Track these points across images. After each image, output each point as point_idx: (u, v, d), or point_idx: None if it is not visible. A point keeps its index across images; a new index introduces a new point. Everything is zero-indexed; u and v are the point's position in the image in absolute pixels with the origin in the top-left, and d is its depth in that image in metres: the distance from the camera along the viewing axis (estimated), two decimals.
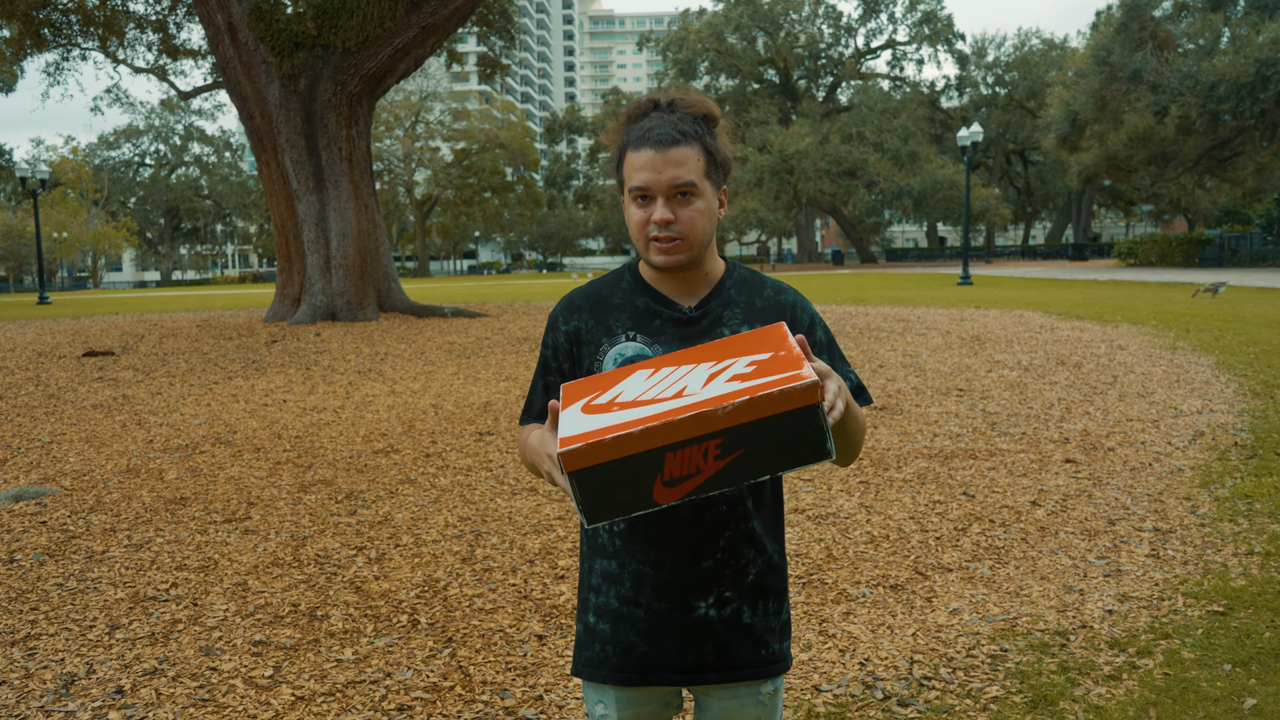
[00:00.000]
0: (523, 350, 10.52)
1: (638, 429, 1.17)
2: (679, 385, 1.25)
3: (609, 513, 1.22)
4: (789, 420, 1.16)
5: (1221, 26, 34.74)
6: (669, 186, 1.43)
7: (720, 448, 1.17)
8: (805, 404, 1.15)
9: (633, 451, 1.18)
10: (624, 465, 1.19)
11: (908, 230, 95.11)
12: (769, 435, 1.16)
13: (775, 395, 1.14)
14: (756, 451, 1.17)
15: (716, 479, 1.19)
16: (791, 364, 1.20)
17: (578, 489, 1.20)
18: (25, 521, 4.48)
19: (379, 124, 61.37)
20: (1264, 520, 4.16)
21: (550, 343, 1.59)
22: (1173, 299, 17.57)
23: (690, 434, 1.16)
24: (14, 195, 55.81)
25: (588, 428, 1.22)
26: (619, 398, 1.28)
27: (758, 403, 1.15)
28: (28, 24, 18.31)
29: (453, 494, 4.83)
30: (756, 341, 1.31)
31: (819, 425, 1.16)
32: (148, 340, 12.48)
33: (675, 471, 1.19)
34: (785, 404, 1.15)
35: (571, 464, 1.19)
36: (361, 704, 2.71)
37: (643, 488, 1.20)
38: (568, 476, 1.20)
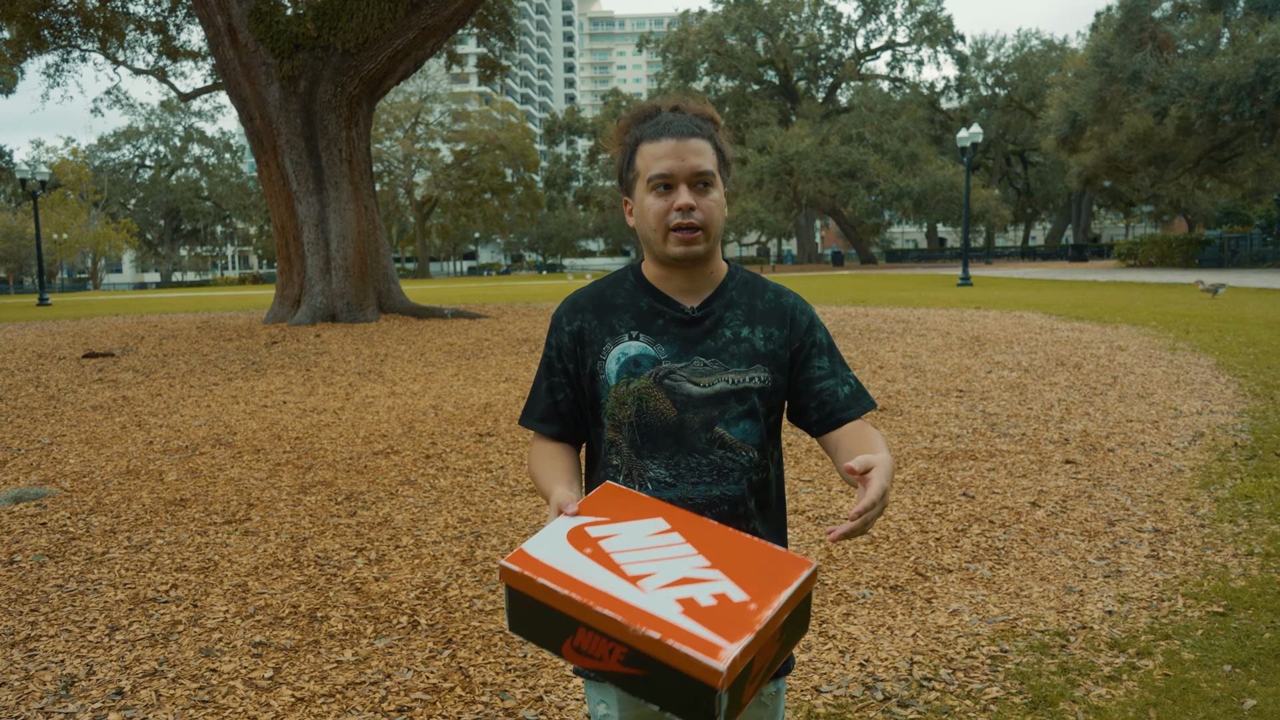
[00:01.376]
0: (523, 351, 10.52)
1: (563, 591, 1.20)
2: (653, 568, 1.23)
3: (526, 634, 1.28)
4: (685, 682, 1.13)
5: (1221, 27, 34.76)
6: (691, 174, 1.45)
7: (623, 657, 1.17)
8: (703, 679, 1.11)
9: (553, 605, 1.22)
10: (545, 610, 1.23)
11: (908, 231, 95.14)
12: (664, 678, 1.15)
13: (680, 654, 1.11)
14: (653, 680, 1.16)
15: (616, 678, 1.20)
16: (735, 630, 1.13)
17: (507, 600, 1.28)
18: (25, 523, 4.48)
19: (379, 125, 61.39)
20: (1264, 521, 4.16)
21: (554, 343, 1.59)
22: (1173, 300, 17.57)
23: (601, 628, 1.18)
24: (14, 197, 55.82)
25: (543, 556, 1.26)
26: (605, 540, 1.29)
27: (663, 647, 1.12)
28: (27, 25, 18.32)
29: (453, 495, 4.83)
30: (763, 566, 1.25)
31: (710, 708, 1.12)
32: (148, 342, 12.48)
33: (584, 646, 1.21)
34: (684, 666, 1.12)
35: (508, 579, 1.26)
36: (361, 705, 2.71)
37: (556, 638, 1.24)
38: (504, 586, 1.27)
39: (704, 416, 1.49)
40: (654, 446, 1.50)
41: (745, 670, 1.14)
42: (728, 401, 1.50)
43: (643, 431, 1.50)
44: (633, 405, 1.50)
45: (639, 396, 1.50)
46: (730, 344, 1.52)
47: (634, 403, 1.50)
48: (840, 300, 19.55)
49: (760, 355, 1.52)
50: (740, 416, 1.51)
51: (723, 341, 1.52)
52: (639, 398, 1.50)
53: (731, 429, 1.50)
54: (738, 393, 1.50)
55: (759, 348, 1.52)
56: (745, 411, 1.51)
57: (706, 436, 1.49)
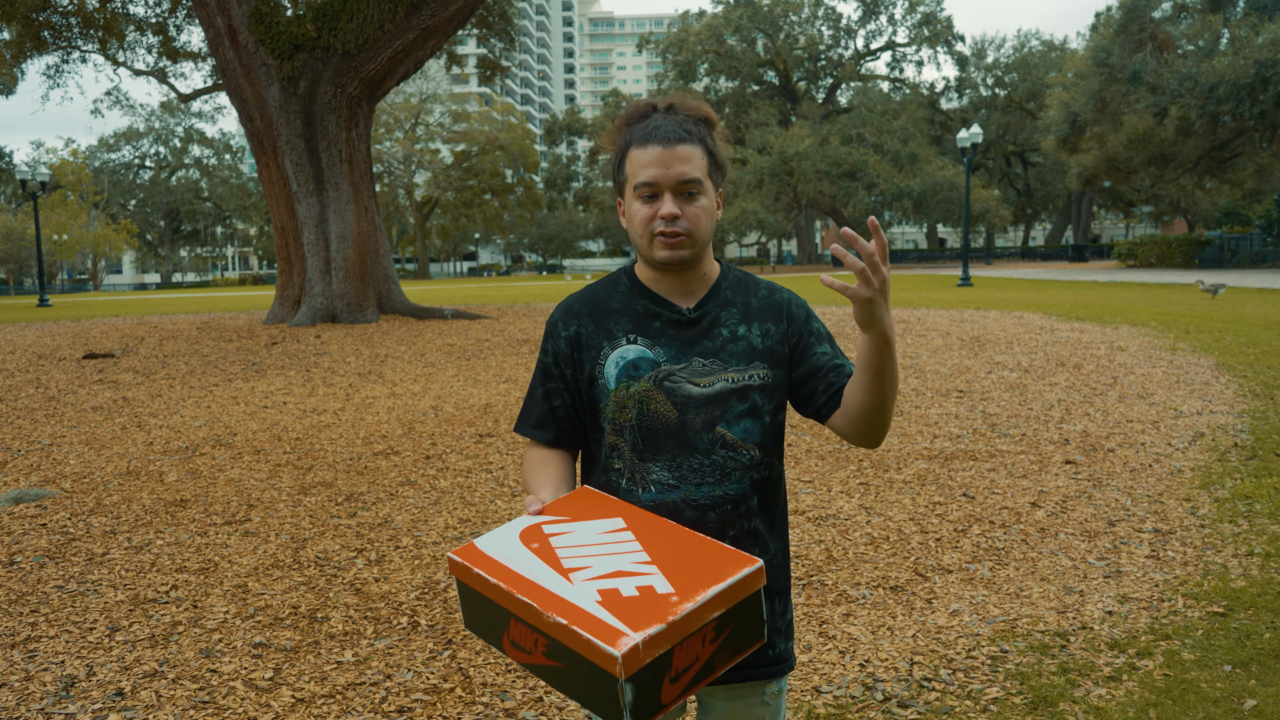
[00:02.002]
0: (523, 352, 10.52)
1: (494, 581, 1.23)
2: (590, 563, 1.24)
3: (476, 629, 1.31)
4: (592, 671, 1.13)
5: (1221, 28, 34.77)
6: (676, 182, 1.44)
7: (545, 648, 1.19)
8: (604, 668, 1.10)
9: (490, 597, 1.25)
10: (485, 602, 1.26)
11: (908, 232, 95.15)
12: (579, 670, 1.15)
13: (583, 639, 1.12)
14: (569, 675, 1.17)
15: (543, 671, 1.21)
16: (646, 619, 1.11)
17: (459, 594, 1.32)
18: (25, 524, 4.48)
19: (379, 126, 61.41)
20: (1264, 521, 4.16)
21: (550, 349, 1.58)
22: (1173, 300, 17.57)
23: (525, 618, 1.20)
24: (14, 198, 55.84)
25: (488, 549, 1.30)
26: (555, 538, 1.31)
27: (570, 633, 1.14)
28: (27, 26, 18.32)
29: (453, 496, 4.83)
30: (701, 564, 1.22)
31: (615, 699, 1.11)
32: (148, 342, 12.48)
33: (516, 638, 1.23)
34: (587, 653, 1.12)
35: (454, 569, 1.30)
36: (361, 706, 2.71)
37: (497, 632, 1.26)
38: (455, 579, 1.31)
39: (705, 417, 1.49)
40: (656, 449, 1.50)
41: (659, 664, 1.11)
42: (729, 400, 1.50)
43: (644, 434, 1.50)
44: (633, 409, 1.50)
45: (639, 400, 1.50)
46: (728, 343, 1.51)
47: (635, 406, 1.50)
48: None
49: (759, 352, 1.52)
50: (742, 415, 1.51)
51: (720, 340, 1.52)
52: (639, 401, 1.50)
53: (733, 428, 1.50)
54: (738, 391, 1.50)
55: (757, 345, 1.52)
56: (747, 410, 1.51)
57: (708, 437, 1.49)
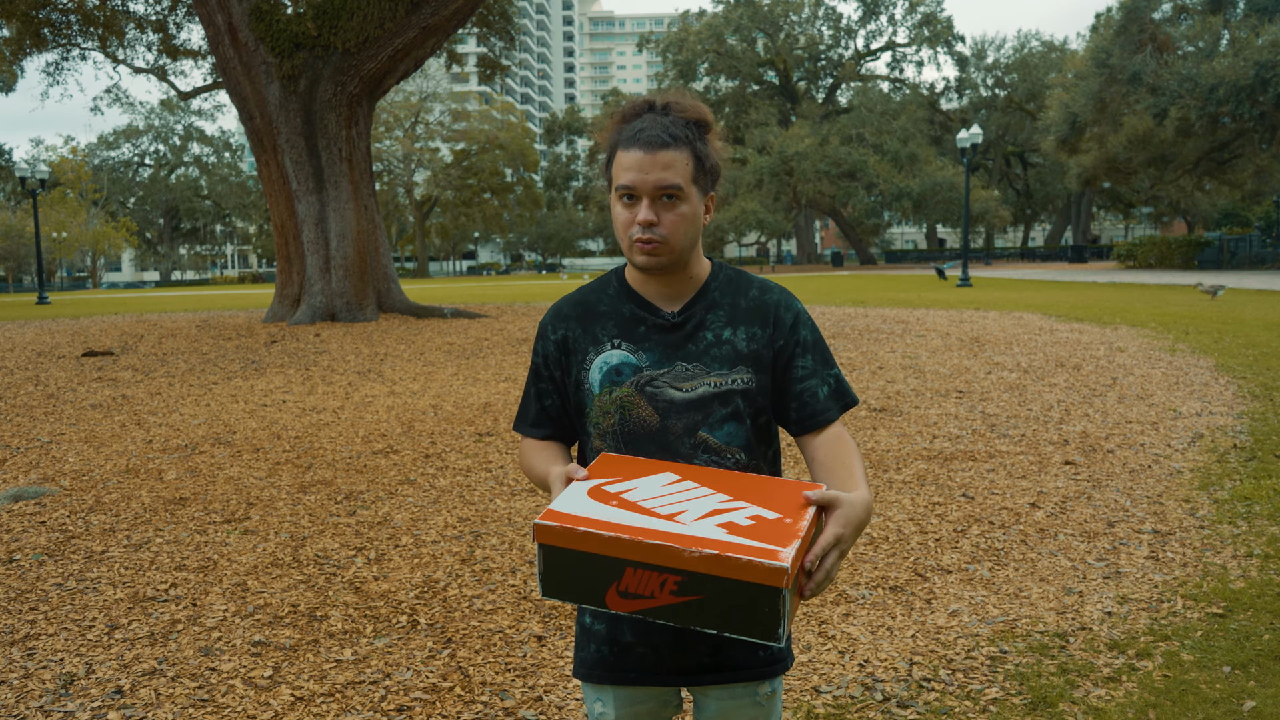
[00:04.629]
0: (522, 351, 10.52)
1: (608, 534, 1.21)
2: (682, 506, 1.28)
3: (563, 593, 1.27)
4: (748, 591, 1.16)
5: (1221, 29, 34.77)
6: (655, 188, 1.42)
7: (678, 585, 1.19)
8: (768, 583, 1.15)
9: (599, 550, 1.22)
10: (587, 560, 1.23)
11: (907, 232, 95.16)
12: (726, 595, 1.17)
13: (741, 563, 1.15)
14: (710, 604, 1.18)
15: (667, 611, 1.21)
16: (782, 538, 1.20)
17: (542, 561, 1.26)
18: (24, 521, 4.48)
19: (379, 125, 61.38)
20: (1263, 523, 4.16)
21: (540, 351, 1.60)
22: (1172, 301, 17.58)
23: (653, 560, 1.19)
24: (13, 195, 55.81)
25: (575, 510, 1.27)
26: (626, 494, 1.32)
27: (723, 561, 1.16)
28: (27, 24, 18.30)
29: (452, 495, 4.83)
30: (779, 493, 1.32)
31: (776, 610, 1.16)
32: (147, 340, 12.47)
33: (632, 587, 1.22)
34: (748, 574, 1.15)
35: (543, 537, 1.25)
36: (361, 704, 2.71)
37: (599, 587, 1.24)
38: (537, 546, 1.25)
39: (687, 421, 1.49)
40: (639, 454, 1.50)
41: (794, 584, 1.18)
42: (711, 405, 1.49)
43: (626, 439, 1.50)
44: (615, 414, 1.51)
45: (621, 405, 1.50)
46: (712, 347, 1.51)
47: (616, 411, 1.50)
48: (840, 301, 19.55)
49: (742, 356, 1.51)
50: (724, 419, 1.50)
51: (704, 345, 1.51)
52: (621, 406, 1.50)
53: (715, 433, 1.49)
54: (721, 395, 1.49)
55: (741, 349, 1.51)
56: (729, 414, 1.50)
57: (690, 441, 1.49)
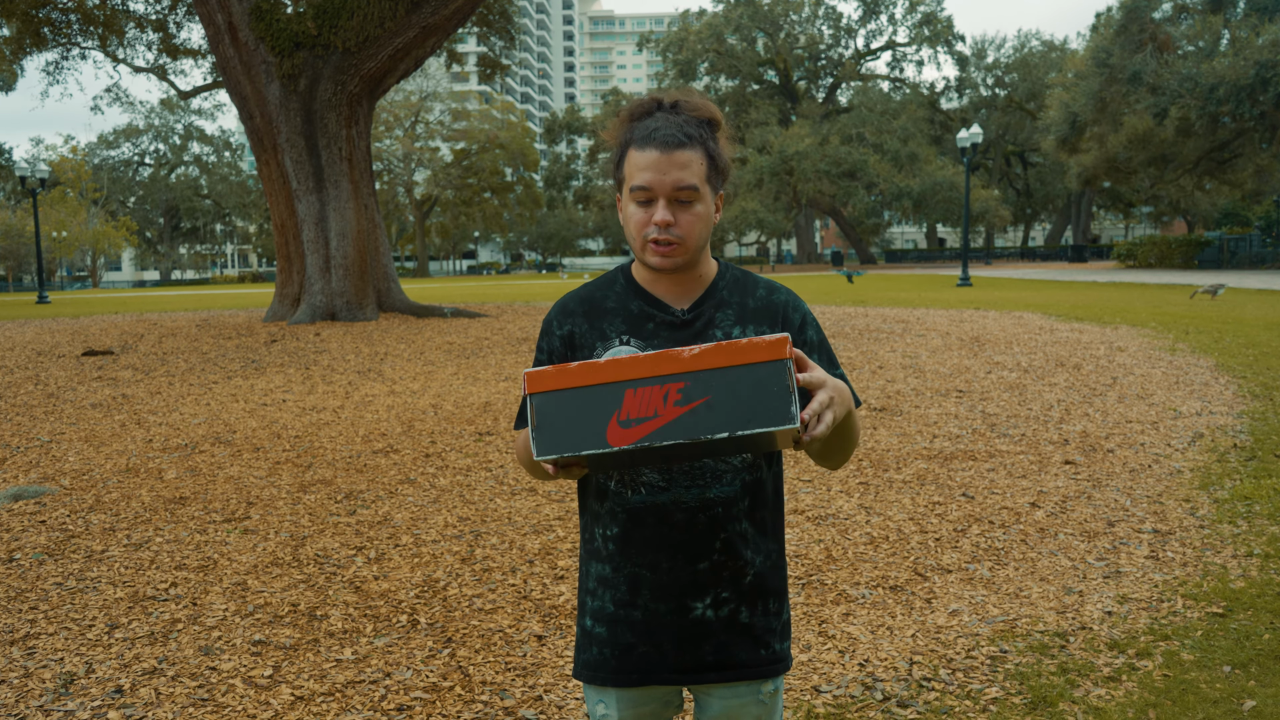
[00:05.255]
0: (522, 350, 10.52)
1: (603, 360, 1.20)
2: None
3: (561, 445, 1.23)
4: (755, 373, 1.16)
5: (1221, 29, 34.78)
6: (672, 189, 1.42)
7: (682, 392, 1.18)
8: (772, 357, 1.15)
9: (594, 381, 1.20)
10: (584, 395, 1.21)
11: (907, 231, 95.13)
12: (732, 386, 1.16)
13: (742, 345, 1.16)
14: (717, 402, 1.17)
15: (673, 427, 1.19)
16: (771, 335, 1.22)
17: (534, 413, 1.22)
18: (24, 521, 4.48)
19: (379, 124, 61.36)
20: (1263, 522, 4.16)
21: (545, 347, 1.58)
22: (1172, 301, 17.58)
23: (654, 371, 1.18)
24: (13, 194, 55.79)
25: None
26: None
27: (724, 349, 1.16)
28: (27, 23, 18.30)
29: (452, 494, 4.83)
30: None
31: (784, 384, 1.16)
32: (147, 340, 12.47)
33: (633, 411, 1.19)
34: (751, 354, 1.15)
35: (534, 385, 1.22)
36: (361, 704, 2.71)
37: (598, 424, 1.21)
38: (528, 399, 1.22)
39: None
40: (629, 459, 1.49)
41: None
42: None
43: None
44: None
45: None
46: None
47: None
48: (840, 300, 19.55)
49: None
50: None
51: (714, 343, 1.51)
52: None
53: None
54: None
55: None
56: None
57: None
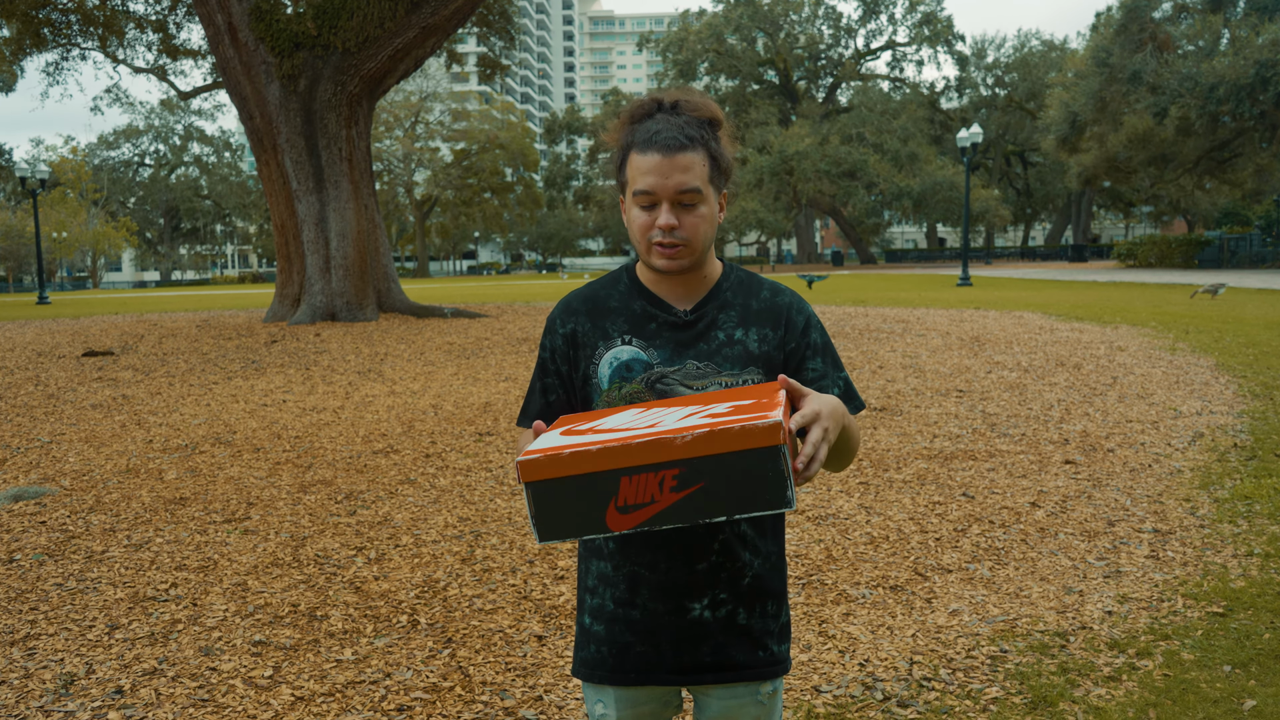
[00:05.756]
0: (522, 350, 10.52)
1: (595, 448, 1.17)
2: (656, 420, 1.25)
3: (560, 532, 1.22)
4: (748, 460, 1.14)
5: (1221, 28, 34.77)
6: (675, 192, 1.41)
7: (677, 479, 1.16)
8: (765, 444, 1.13)
9: (589, 470, 1.18)
10: (579, 483, 1.19)
11: (907, 231, 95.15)
12: (727, 473, 1.15)
13: (735, 431, 1.13)
14: (713, 488, 1.16)
15: (671, 511, 1.18)
16: (764, 408, 1.19)
17: (532, 500, 1.21)
18: (25, 521, 4.48)
19: (379, 124, 61.37)
20: (1263, 522, 4.16)
21: (548, 345, 1.58)
22: (1172, 300, 17.58)
23: (647, 459, 1.16)
24: (14, 195, 55.80)
25: (554, 445, 1.23)
26: (599, 426, 1.29)
27: (716, 436, 1.13)
28: (27, 23, 18.31)
29: (452, 494, 4.83)
30: (751, 392, 1.31)
31: (779, 470, 1.14)
32: (147, 340, 12.48)
33: (630, 498, 1.18)
34: (745, 441, 1.13)
35: (529, 474, 1.20)
36: (361, 704, 2.71)
37: (596, 510, 1.20)
38: (525, 487, 1.21)
39: None
40: None
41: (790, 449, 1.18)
42: None
43: None
44: None
45: (630, 400, 1.49)
46: (724, 346, 1.50)
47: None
48: (840, 300, 19.55)
49: (754, 357, 1.50)
50: None
51: (716, 344, 1.50)
52: (630, 402, 1.49)
53: None
54: None
55: (753, 349, 1.51)
56: None
57: None
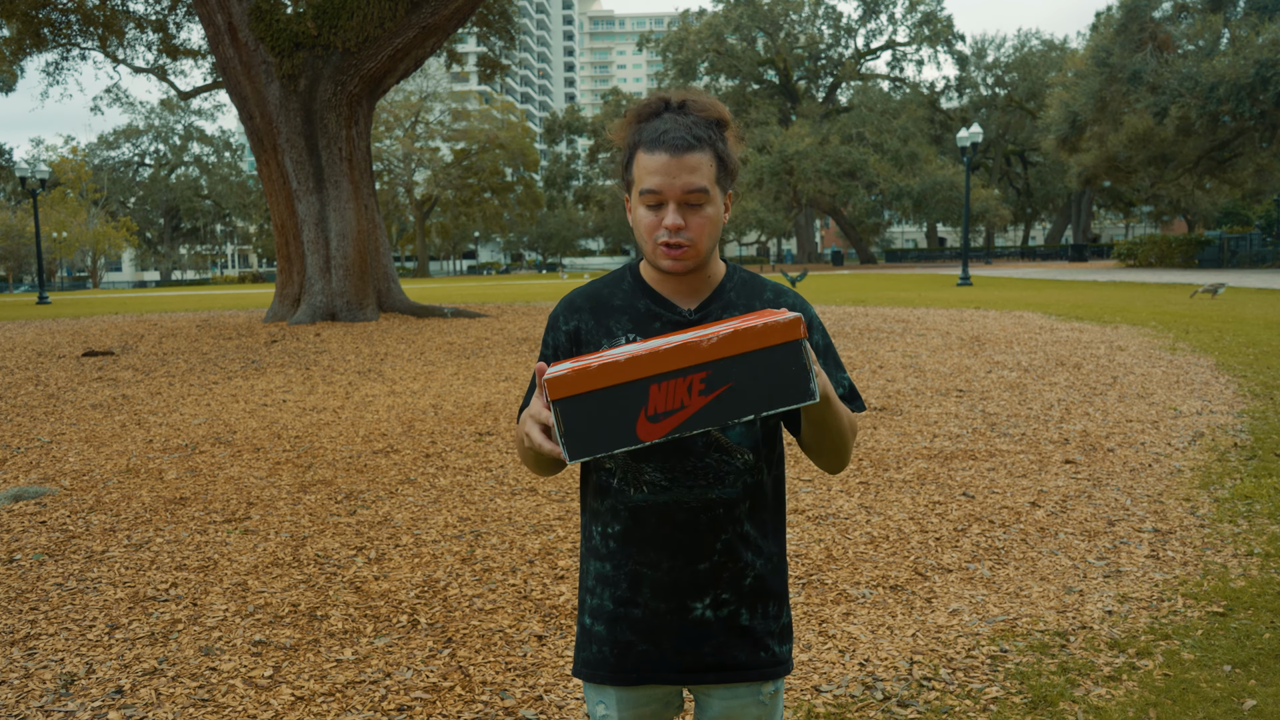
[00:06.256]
0: (522, 350, 10.52)
1: (624, 358, 1.20)
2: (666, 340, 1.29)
3: (592, 447, 1.23)
4: (772, 356, 1.20)
5: (1221, 28, 34.76)
6: (682, 192, 1.41)
7: (705, 382, 1.20)
8: (788, 339, 1.19)
9: (618, 380, 1.20)
10: (609, 395, 1.21)
11: (907, 231, 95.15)
12: (752, 371, 1.20)
13: (759, 328, 1.19)
14: (741, 388, 1.20)
15: (700, 416, 1.21)
16: (775, 313, 1.25)
17: (561, 418, 1.22)
18: (25, 521, 4.48)
19: (379, 124, 61.37)
20: (1263, 521, 4.16)
21: (550, 342, 1.58)
22: (1172, 300, 17.58)
23: (675, 365, 1.19)
24: (14, 195, 55.80)
25: (579, 363, 1.25)
26: (607, 353, 1.31)
27: (741, 335, 1.19)
28: (27, 23, 18.31)
29: (452, 494, 4.83)
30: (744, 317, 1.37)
31: (802, 364, 1.20)
32: (147, 340, 12.48)
33: (660, 405, 1.21)
34: (768, 338, 1.19)
35: (557, 391, 1.21)
36: (361, 704, 2.71)
37: (627, 422, 1.21)
38: (553, 405, 1.21)
39: None
40: (649, 450, 1.49)
41: None
42: None
43: None
44: None
45: None
46: None
47: None
48: (840, 300, 19.55)
49: None
50: None
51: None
52: None
53: (727, 432, 1.49)
54: None
55: None
56: None
57: (702, 440, 1.48)
